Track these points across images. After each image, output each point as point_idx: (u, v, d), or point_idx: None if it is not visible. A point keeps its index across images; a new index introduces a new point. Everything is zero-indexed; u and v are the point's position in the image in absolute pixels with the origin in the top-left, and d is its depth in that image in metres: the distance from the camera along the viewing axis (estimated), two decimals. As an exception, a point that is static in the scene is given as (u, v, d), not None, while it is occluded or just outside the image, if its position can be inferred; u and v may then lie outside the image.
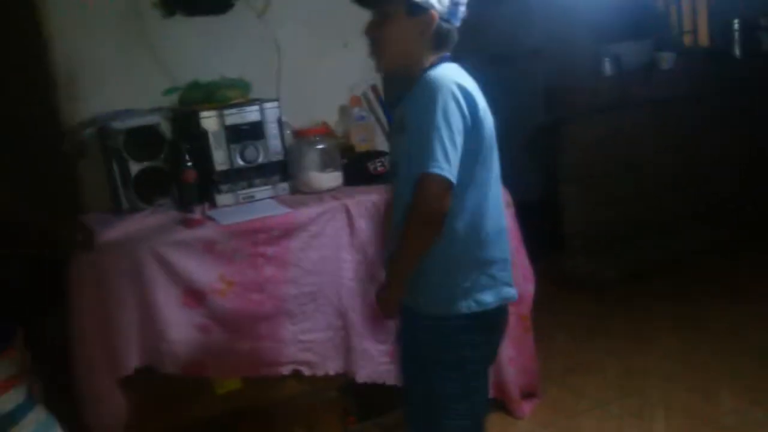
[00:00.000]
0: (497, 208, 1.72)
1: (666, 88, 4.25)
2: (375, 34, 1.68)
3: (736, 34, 4.63)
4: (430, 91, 1.57)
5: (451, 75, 1.60)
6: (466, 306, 1.66)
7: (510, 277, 1.75)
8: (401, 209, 1.64)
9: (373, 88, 3.26)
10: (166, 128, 2.58)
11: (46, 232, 1.99)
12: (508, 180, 2.74)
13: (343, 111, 3.13)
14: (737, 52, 4.64)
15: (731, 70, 4.56)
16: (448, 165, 1.53)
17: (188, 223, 2.28)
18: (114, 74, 2.69)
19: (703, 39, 5.04)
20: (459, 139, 1.56)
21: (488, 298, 1.68)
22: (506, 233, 1.78)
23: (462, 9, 1.68)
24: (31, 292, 2.21)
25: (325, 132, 2.84)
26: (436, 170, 1.52)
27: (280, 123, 2.64)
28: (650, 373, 3.03)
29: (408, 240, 1.60)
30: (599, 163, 4.10)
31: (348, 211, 2.48)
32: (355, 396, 2.62)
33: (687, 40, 5.10)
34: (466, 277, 1.66)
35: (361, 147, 2.99)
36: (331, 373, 2.47)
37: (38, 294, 2.23)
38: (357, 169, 2.77)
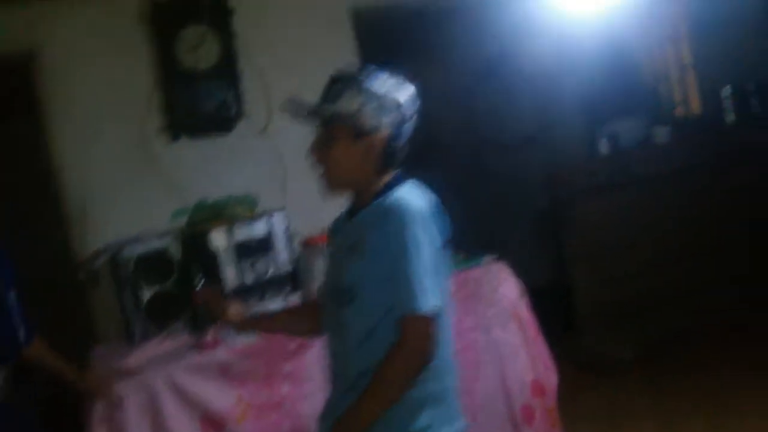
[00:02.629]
0: (448, 338, 1.62)
1: (664, 162, 4.30)
2: (320, 155, 1.60)
3: (727, 101, 4.72)
4: (401, 219, 1.49)
5: (417, 198, 1.54)
6: None
7: (460, 408, 1.64)
8: (350, 339, 1.54)
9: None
10: (176, 251, 2.61)
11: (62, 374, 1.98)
12: (517, 267, 2.78)
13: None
14: (729, 118, 4.71)
15: (725, 136, 4.61)
16: (435, 297, 1.46)
17: (201, 347, 2.28)
18: (123, 201, 2.77)
19: (695, 108, 5.14)
20: (438, 265, 1.49)
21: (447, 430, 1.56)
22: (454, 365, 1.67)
23: (409, 126, 1.62)
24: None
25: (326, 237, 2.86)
26: (427, 309, 1.44)
27: (288, 233, 2.67)
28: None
29: (391, 383, 1.47)
30: (604, 240, 4.10)
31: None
32: None
33: (679, 111, 5.20)
34: (429, 413, 1.54)
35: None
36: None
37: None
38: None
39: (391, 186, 1.58)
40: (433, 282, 1.46)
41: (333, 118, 1.56)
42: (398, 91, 1.59)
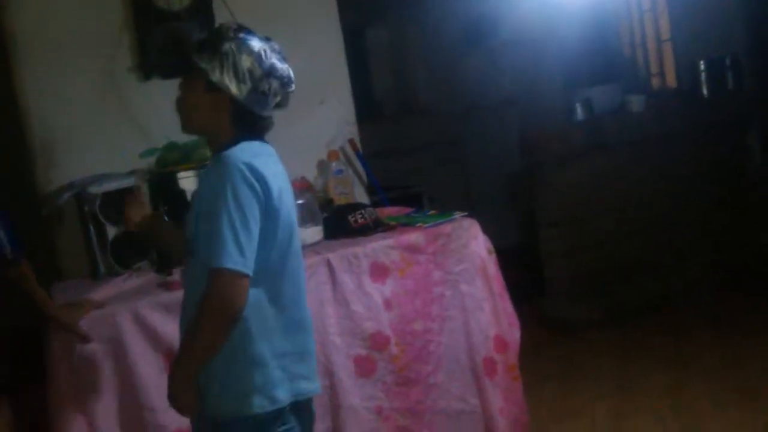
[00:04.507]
0: (297, 297, 1.67)
1: (637, 130, 4.34)
2: (179, 95, 1.71)
3: (703, 75, 4.76)
4: (220, 173, 1.54)
5: (244, 155, 1.57)
6: (259, 404, 1.56)
7: (309, 371, 1.68)
8: (194, 293, 1.57)
9: (351, 141, 3.30)
10: (144, 191, 2.57)
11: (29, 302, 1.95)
12: (488, 227, 2.80)
13: (322, 165, 3.15)
14: (705, 91, 4.76)
15: (700, 109, 4.67)
16: (242, 257, 1.48)
17: (168, 286, 2.26)
18: (91, 139, 2.70)
19: (671, 80, 5.18)
20: (254, 226, 1.52)
21: (281, 394, 1.59)
22: (308, 323, 1.72)
23: (273, 99, 1.66)
24: (13, 362, 2.17)
25: (304, 187, 2.85)
26: (229, 265, 1.47)
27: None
28: (640, 414, 3.01)
29: (200, 334, 1.52)
30: (576, 206, 4.14)
31: (330, 265, 2.47)
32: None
33: (655, 82, 5.23)
34: (257, 373, 1.57)
35: (340, 200, 3.00)
36: (320, 432, 2.42)
37: (20, 364, 2.18)
38: (338, 222, 2.77)
39: (233, 142, 1.62)
40: (245, 239, 1.49)
41: (190, 66, 1.62)
42: (260, 64, 1.62)
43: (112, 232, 2.45)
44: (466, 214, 2.82)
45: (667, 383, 3.26)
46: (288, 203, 1.64)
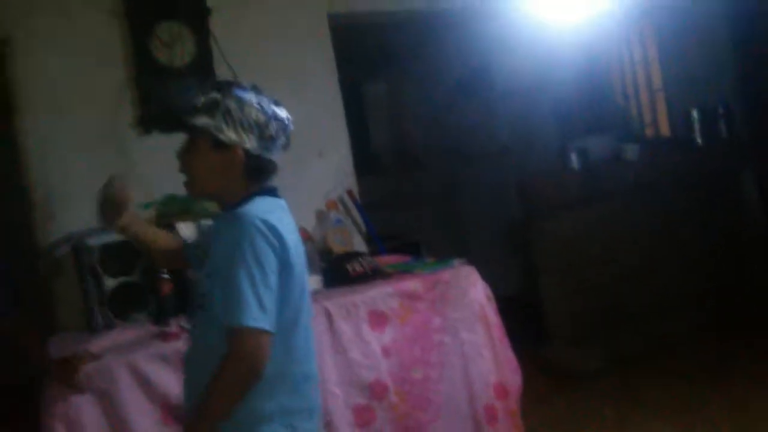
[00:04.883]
0: (307, 352, 1.66)
1: (633, 178, 4.38)
2: (183, 162, 1.67)
3: (696, 123, 4.82)
4: (235, 231, 1.52)
5: (260, 211, 1.56)
6: None
7: (315, 427, 1.67)
8: (204, 348, 1.58)
9: (349, 192, 3.34)
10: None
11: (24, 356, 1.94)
12: (487, 275, 2.81)
13: (320, 216, 3.18)
14: (698, 139, 4.82)
15: (694, 157, 4.72)
16: (263, 314, 1.47)
17: (165, 337, 2.25)
18: (90, 191, 2.72)
19: (665, 130, 5.25)
20: (273, 283, 1.51)
21: None
22: (315, 381, 1.70)
23: (281, 141, 1.67)
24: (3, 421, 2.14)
25: (304, 237, 2.87)
26: (252, 323, 1.45)
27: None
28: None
29: (223, 392, 1.50)
30: (575, 254, 4.15)
31: (328, 314, 2.47)
32: None
33: (649, 131, 5.30)
34: (265, 429, 1.55)
35: (339, 250, 3.02)
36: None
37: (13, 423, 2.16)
38: (336, 270, 2.78)
39: (247, 199, 1.62)
40: (266, 296, 1.48)
41: (194, 129, 1.61)
42: (263, 111, 1.63)
43: (110, 284, 2.45)
44: (464, 261, 2.83)
45: (672, 430, 3.19)
46: (301, 257, 1.64)
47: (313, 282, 2.68)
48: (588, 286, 4.15)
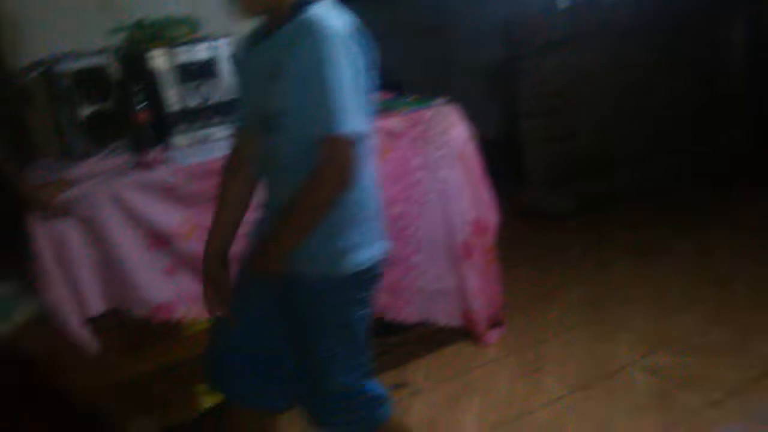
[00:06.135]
0: (372, 156, 1.60)
1: (621, 20, 4.24)
2: None
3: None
4: (318, 37, 1.39)
5: (334, 17, 1.45)
6: (353, 263, 1.55)
7: (383, 229, 1.66)
8: (286, 168, 1.52)
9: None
10: (114, 69, 2.49)
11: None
12: (471, 115, 2.77)
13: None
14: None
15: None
16: (357, 119, 1.41)
17: (145, 165, 2.22)
18: (57, 15, 2.57)
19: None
20: (360, 87, 1.44)
21: (369, 252, 1.58)
22: (376, 186, 1.65)
23: None
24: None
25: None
26: (347, 129, 1.39)
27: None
28: (613, 298, 3.10)
29: (314, 205, 1.45)
30: (557, 97, 4.11)
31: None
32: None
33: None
34: (350, 233, 1.55)
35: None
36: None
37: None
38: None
39: (305, 3, 1.48)
40: (354, 103, 1.41)
41: None
42: None
43: (84, 112, 2.37)
44: (446, 100, 2.79)
45: (640, 269, 3.34)
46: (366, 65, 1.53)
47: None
48: (569, 130, 4.15)
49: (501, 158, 3.32)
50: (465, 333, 2.84)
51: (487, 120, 3.31)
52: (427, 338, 2.79)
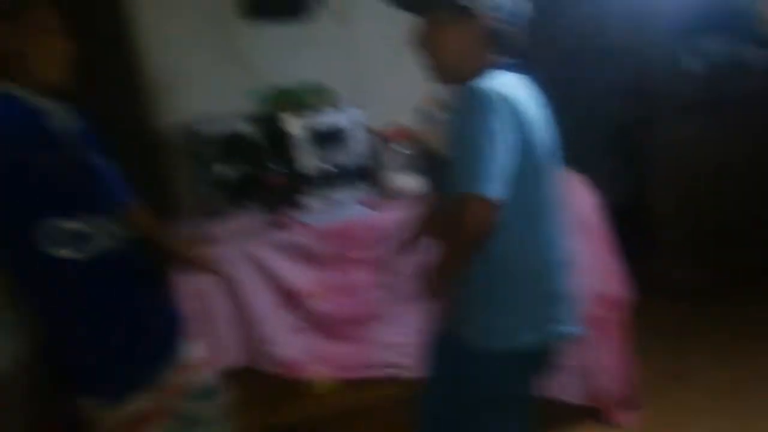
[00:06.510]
0: (551, 237, 1.58)
1: (756, 85, 4.03)
2: (425, 43, 1.57)
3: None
4: (472, 102, 1.45)
5: (497, 85, 1.48)
6: (501, 341, 1.57)
7: (566, 314, 1.62)
8: None
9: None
10: (251, 132, 2.59)
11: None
12: (595, 182, 2.67)
13: (422, 112, 3.08)
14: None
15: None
16: (492, 183, 1.42)
17: (279, 225, 2.27)
18: (196, 77, 2.73)
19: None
20: (506, 156, 1.44)
21: (530, 336, 1.57)
22: (564, 267, 1.63)
23: (523, 7, 1.56)
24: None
25: (409, 134, 2.80)
26: (479, 190, 1.41)
27: (364, 127, 2.62)
28: (758, 384, 2.84)
29: (447, 257, 1.51)
30: (691, 163, 3.90)
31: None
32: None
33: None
34: (495, 310, 1.57)
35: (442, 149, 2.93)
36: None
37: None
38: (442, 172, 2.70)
39: (486, 71, 1.53)
40: (498, 171, 1.42)
41: (428, 2, 1.52)
42: None
43: (223, 173, 2.47)
44: (570, 167, 2.70)
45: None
46: (543, 136, 1.56)
47: (419, 180, 2.63)
48: (703, 199, 3.91)
49: (629, 227, 3.16)
50: (591, 412, 2.66)
51: (611, 185, 3.18)
52: (550, 416, 2.63)
